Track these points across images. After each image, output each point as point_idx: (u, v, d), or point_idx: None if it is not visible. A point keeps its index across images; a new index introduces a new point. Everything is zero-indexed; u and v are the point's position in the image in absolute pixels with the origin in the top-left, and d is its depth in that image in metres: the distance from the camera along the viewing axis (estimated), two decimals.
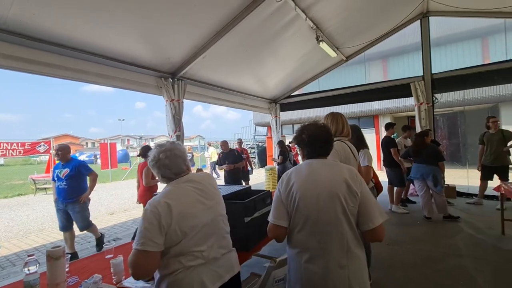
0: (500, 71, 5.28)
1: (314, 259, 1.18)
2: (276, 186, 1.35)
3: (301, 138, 1.34)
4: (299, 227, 1.23)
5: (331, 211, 1.17)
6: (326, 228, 1.18)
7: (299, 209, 1.21)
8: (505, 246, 3.11)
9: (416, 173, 4.38)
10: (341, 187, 1.18)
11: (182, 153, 1.28)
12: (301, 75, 7.11)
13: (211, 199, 1.26)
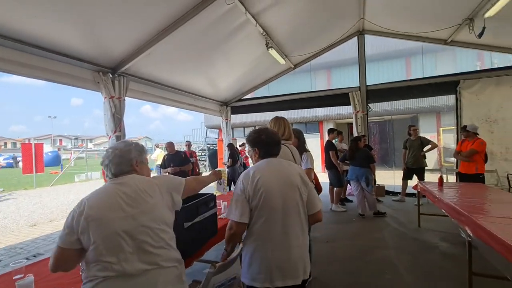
0: (418, 86, 6.20)
1: (279, 245, 1.33)
2: (237, 185, 1.40)
3: (261, 139, 1.49)
4: (263, 218, 1.35)
5: (292, 200, 1.38)
6: (288, 215, 1.36)
7: (266, 201, 1.34)
8: (420, 237, 3.63)
9: (352, 174, 4.84)
10: (297, 179, 1.42)
11: (124, 153, 1.23)
12: (252, 79, 7.23)
13: (135, 206, 1.13)
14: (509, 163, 5.29)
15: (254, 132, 1.52)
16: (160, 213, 1.19)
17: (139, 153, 1.29)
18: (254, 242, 1.36)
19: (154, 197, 1.20)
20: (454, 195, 2.98)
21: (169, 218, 1.23)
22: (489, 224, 1.92)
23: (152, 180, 1.26)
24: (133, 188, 1.16)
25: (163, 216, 1.20)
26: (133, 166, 1.25)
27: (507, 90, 5.34)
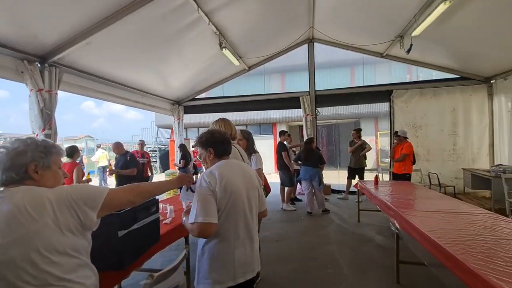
0: (360, 93, 6.82)
1: (242, 243, 1.36)
2: (201, 185, 1.32)
3: (214, 138, 1.47)
4: (230, 219, 1.34)
5: (254, 200, 1.46)
6: (251, 214, 1.42)
7: (234, 202, 1.34)
8: (359, 231, 3.97)
9: (305, 175, 5.10)
10: (255, 180, 1.50)
11: (15, 155, 0.95)
12: (206, 78, 7.08)
13: (7, 234, 0.85)
14: (430, 163, 6.14)
15: (206, 133, 1.50)
16: (47, 240, 0.88)
17: (43, 155, 0.99)
18: (219, 244, 1.33)
19: (40, 219, 0.88)
20: (386, 193, 3.33)
21: (67, 244, 0.92)
22: (412, 218, 2.19)
23: (44, 194, 0.92)
24: (13, 207, 0.87)
25: (53, 243, 0.89)
26: (28, 173, 0.96)
27: (428, 100, 6.20)
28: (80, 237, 0.96)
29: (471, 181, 5.43)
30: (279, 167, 5.56)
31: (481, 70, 5.82)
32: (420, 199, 2.93)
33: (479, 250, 1.48)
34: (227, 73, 7.29)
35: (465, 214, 2.24)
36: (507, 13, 3.88)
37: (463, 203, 2.69)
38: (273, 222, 4.59)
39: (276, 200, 5.95)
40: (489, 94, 5.96)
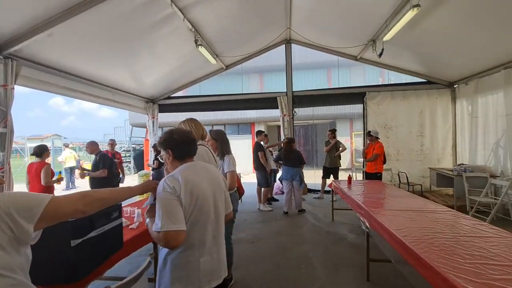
0: (335, 95, 6.99)
1: (209, 250, 1.29)
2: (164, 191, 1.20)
3: (173, 139, 1.37)
4: (197, 225, 1.26)
5: (221, 203, 1.39)
6: (218, 218, 1.36)
7: (201, 208, 1.26)
8: (333, 230, 4.05)
9: (286, 174, 5.15)
10: (222, 182, 1.44)
11: None
12: (181, 76, 6.89)
13: None
14: (400, 162, 6.43)
15: (165, 133, 1.39)
16: None
17: None
18: (183, 253, 1.24)
19: None
20: (358, 192, 3.42)
21: None
22: (381, 217, 2.25)
23: None
24: None
25: None
26: None
27: (398, 103, 6.49)
28: (14, 253, 0.83)
29: (436, 180, 5.76)
30: (256, 167, 5.53)
31: (446, 75, 6.19)
32: (390, 198, 3.03)
33: (440, 248, 1.54)
34: (204, 71, 7.15)
35: (430, 212, 2.34)
36: (469, 23, 4.15)
37: (429, 202, 2.82)
38: (249, 223, 4.55)
39: (253, 201, 5.93)
40: (453, 98, 6.36)
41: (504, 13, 3.77)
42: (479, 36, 4.38)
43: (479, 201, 4.40)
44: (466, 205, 4.69)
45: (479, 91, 5.52)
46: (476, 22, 4.10)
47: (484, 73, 5.31)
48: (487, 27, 4.13)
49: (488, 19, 3.95)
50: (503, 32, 4.14)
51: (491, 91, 5.23)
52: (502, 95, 4.89)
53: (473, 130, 5.69)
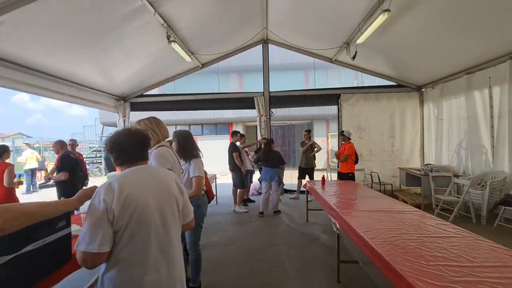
0: (312, 96, 7.07)
1: (154, 266, 1.12)
2: (93, 203, 1.07)
3: (115, 143, 1.23)
4: (135, 239, 1.10)
5: (171, 213, 1.23)
6: (167, 230, 1.19)
7: (139, 219, 1.10)
8: (307, 231, 4.06)
9: (265, 175, 5.11)
10: (174, 188, 1.28)
11: None
12: (155, 73, 6.62)
13: None
14: (373, 163, 6.64)
15: (110, 136, 1.25)
16: None
17: None
18: (122, 272, 1.08)
19: None
20: (330, 193, 3.43)
21: None
22: (351, 218, 2.25)
23: None
24: None
25: None
26: None
27: (370, 105, 6.69)
28: None
29: (405, 179, 6.00)
30: (231, 168, 5.43)
31: (414, 79, 6.48)
32: (360, 199, 3.07)
33: (405, 250, 1.54)
34: (179, 69, 6.93)
35: (397, 212, 2.38)
36: (435, 30, 4.34)
37: (397, 202, 2.89)
38: (224, 225, 4.44)
39: (228, 202, 5.82)
40: (421, 101, 6.67)
41: (467, 22, 3.99)
42: (444, 43, 4.61)
43: (443, 199, 4.62)
44: (432, 203, 4.93)
45: (444, 95, 5.83)
46: (441, 29, 4.30)
47: (448, 78, 5.61)
48: (452, 35, 4.36)
49: (453, 27, 4.16)
50: (465, 40, 4.39)
51: (454, 95, 5.54)
52: (464, 99, 5.19)
53: (439, 132, 6.00)
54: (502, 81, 4.39)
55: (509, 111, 4.28)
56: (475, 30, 4.07)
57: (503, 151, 4.45)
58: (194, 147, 2.32)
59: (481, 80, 4.85)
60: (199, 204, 2.25)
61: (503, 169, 4.42)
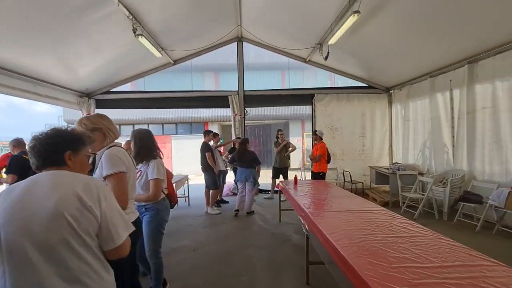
0: (286, 96, 7.09)
1: None
2: None
3: (32, 146, 1.05)
4: (5, 278, 0.90)
5: (54, 235, 0.91)
6: (47, 258, 0.91)
7: (8, 251, 0.89)
8: (279, 231, 4.01)
9: (240, 176, 5.03)
10: (68, 203, 0.94)
11: None
12: (123, 68, 6.25)
13: None
14: (345, 162, 6.79)
15: (32, 139, 1.07)
16: None
17: None
18: None
19: None
20: (301, 193, 3.41)
21: None
22: (319, 219, 2.21)
23: None
24: None
25: None
26: None
27: (343, 105, 6.84)
28: None
29: (375, 178, 6.20)
30: (203, 168, 5.25)
31: (383, 81, 6.72)
32: (330, 199, 3.07)
33: (370, 252, 1.52)
34: (149, 65, 6.60)
35: (365, 212, 2.40)
36: (402, 34, 4.51)
37: (366, 201, 2.92)
38: (195, 228, 4.27)
39: (201, 204, 5.65)
40: (389, 102, 6.94)
41: (429, 28, 4.18)
42: (410, 46, 4.80)
43: (409, 197, 4.82)
44: (399, 201, 5.12)
45: (410, 96, 6.10)
46: (406, 34, 4.47)
47: (414, 81, 5.87)
48: (416, 39, 4.55)
49: (417, 32, 4.33)
50: (428, 45, 4.59)
51: (419, 97, 5.81)
52: (428, 100, 5.46)
53: (406, 132, 6.27)
54: (461, 84, 4.66)
55: (467, 112, 4.55)
56: (437, 36, 4.28)
57: (462, 150, 4.72)
58: (154, 147, 2.15)
59: (443, 83, 5.12)
60: (159, 208, 2.09)
61: (462, 167, 4.70)
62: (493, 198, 3.70)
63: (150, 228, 2.10)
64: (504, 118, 3.98)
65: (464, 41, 4.20)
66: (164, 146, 12.49)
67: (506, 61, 3.90)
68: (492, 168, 4.18)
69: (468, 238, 3.59)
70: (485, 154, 4.30)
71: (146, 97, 7.01)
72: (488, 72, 4.20)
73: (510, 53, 3.82)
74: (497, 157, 4.08)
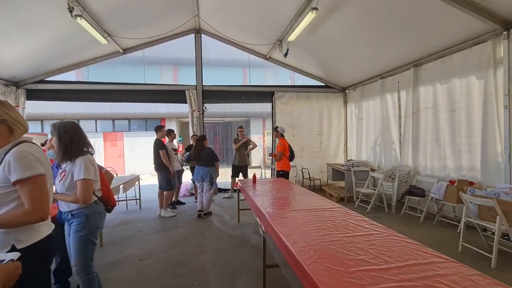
0: (247, 92, 6.93)
1: None
2: None
3: None
4: None
5: None
6: None
7: None
8: (237, 233, 3.84)
9: (197, 175, 4.74)
10: None
11: None
12: (60, 55, 5.47)
13: None
14: (303, 159, 6.88)
15: None
16: None
17: None
18: None
19: None
20: (260, 192, 3.27)
21: None
22: (275, 220, 2.08)
23: None
24: None
25: None
26: None
27: (302, 104, 6.93)
28: None
29: (331, 174, 6.39)
30: (157, 168, 4.82)
31: (339, 81, 6.96)
32: (288, 198, 2.98)
33: (325, 255, 1.43)
34: (94, 53, 5.89)
35: (322, 210, 2.34)
36: (356, 36, 4.65)
37: (322, 198, 2.88)
38: (144, 234, 3.87)
39: (154, 206, 5.21)
40: (345, 102, 7.23)
41: (379, 33, 4.39)
42: (364, 48, 4.99)
43: (362, 192, 5.03)
44: (353, 196, 5.33)
45: (363, 96, 6.40)
46: (361, 35, 4.63)
47: (367, 81, 6.17)
48: (370, 42, 4.74)
49: (371, 34, 4.51)
50: (379, 48, 4.83)
51: (371, 97, 6.12)
52: (379, 101, 5.77)
53: (359, 130, 6.58)
54: (407, 86, 4.99)
55: (412, 112, 4.89)
56: (386, 40, 4.52)
57: (407, 147, 5.08)
58: (84, 142, 1.79)
59: (391, 85, 5.45)
60: (89, 214, 1.75)
61: (408, 163, 5.05)
62: (433, 191, 4.01)
63: (78, 238, 1.75)
64: (443, 117, 4.34)
65: (410, 46, 4.49)
66: (115, 144, 11.44)
67: (445, 65, 4.26)
68: (433, 164, 4.55)
69: (414, 229, 3.84)
70: (427, 151, 4.67)
71: (91, 89, 6.26)
72: (430, 75, 4.55)
73: (449, 58, 4.18)
74: (437, 154, 4.45)
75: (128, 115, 11.40)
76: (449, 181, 3.90)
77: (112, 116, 11.17)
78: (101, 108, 10.42)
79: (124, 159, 11.31)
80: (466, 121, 3.97)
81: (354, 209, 4.96)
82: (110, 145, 11.23)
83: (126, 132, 11.59)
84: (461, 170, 4.05)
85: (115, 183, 4.26)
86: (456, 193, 3.68)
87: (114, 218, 4.65)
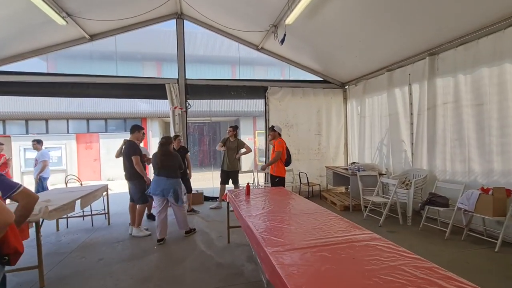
0: (236, 87, 6.13)
1: None
2: None
3: None
4: None
5: None
6: None
7: None
8: (226, 260, 3.02)
9: (155, 188, 3.59)
10: None
11: None
12: (12, 38, 4.52)
13: None
14: (300, 162, 6.17)
15: None
16: None
17: None
18: None
19: None
20: (256, 210, 2.49)
21: None
22: (284, 268, 1.32)
23: None
24: None
25: None
26: None
27: (298, 100, 6.22)
28: None
29: (332, 179, 5.69)
30: (128, 176, 3.93)
31: (339, 76, 6.29)
32: (293, 222, 2.22)
33: None
34: (53, 39, 4.95)
35: (349, 243, 1.59)
36: (366, 20, 3.96)
37: (342, 220, 2.15)
38: (105, 266, 2.97)
39: (126, 221, 4.34)
40: (344, 98, 6.57)
41: (386, 19, 3.76)
42: (368, 35, 4.32)
43: (372, 201, 4.34)
44: (361, 205, 4.64)
45: (366, 92, 5.75)
46: (368, 21, 3.97)
47: (370, 75, 5.52)
48: (376, 30, 4.10)
49: (378, 21, 3.87)
50: (385, 36, 4.20)
51: (376, 92, 5.47)
52: (386, 96, 5.13)
53: (361, 129, 5.93)
54: (421, 78, 4.37)
55: (427, 107, 4.26)
56: (394, 27, 3.90)
57: (421, 148, 4.45)
58: None
59: (401, 77, 4.82)
60: None
61: (421, 167, 4.42)
62: (462, 201, 3.37)
63: None
64: (467, 113, 3.72)
65: (425, 33, 3.85)
66: (90, 146, 10.35)
67: (469, 52, 3.64)
68: (454, 167, 3.92)
69: (441, 248, 3.19)
70: (446, 152, 4.05)
71: (53, 82, 5.30)
72: (450, 64, 3.93)
73: (475, 44, 3.56)
74: (460, 155, 3.83)
75: (105, 115, 10.32)
76: (481, 188, 3.27)
77: (86, 116, 10.07)
78: (73, 107, 9.32)
79: (100, 163, 10.23)
80: (498, 117, 3.35)
81: (363, 220, 4.30)
82: (84, 147, 10.11)
83: (102, 133, 10.49)
84: (492, 175, 3.42)
85: (71, 196, 3.38)
86: (491, 203, 3.06)
87: (73, 240, 3.75)
